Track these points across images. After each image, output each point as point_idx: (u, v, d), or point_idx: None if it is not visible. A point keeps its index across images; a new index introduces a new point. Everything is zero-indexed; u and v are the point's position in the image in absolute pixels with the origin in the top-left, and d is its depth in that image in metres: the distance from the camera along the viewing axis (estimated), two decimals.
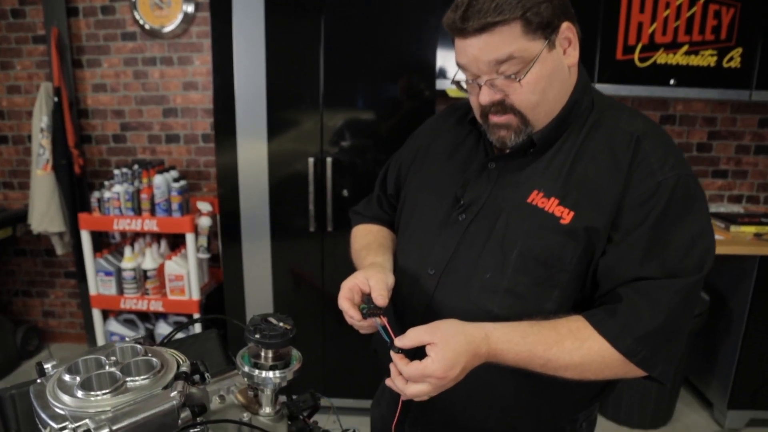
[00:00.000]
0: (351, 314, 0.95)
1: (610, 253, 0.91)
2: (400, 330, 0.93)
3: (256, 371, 0.90)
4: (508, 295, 0.95)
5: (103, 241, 3.23)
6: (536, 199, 0.95)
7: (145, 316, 3.07)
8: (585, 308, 0.93)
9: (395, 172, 1.26)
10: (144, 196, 2.76)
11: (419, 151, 1.20)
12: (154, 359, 0.75)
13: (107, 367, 0.73)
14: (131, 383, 0.70)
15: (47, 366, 0.75)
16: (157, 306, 2.83)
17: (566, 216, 0.92)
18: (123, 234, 3.16)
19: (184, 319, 2.96)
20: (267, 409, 0.95)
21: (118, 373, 0.71)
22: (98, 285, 2.86)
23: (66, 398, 0.66)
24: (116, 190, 2.76)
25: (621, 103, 1.03)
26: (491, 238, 0.98)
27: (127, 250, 2.85)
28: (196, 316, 2.81)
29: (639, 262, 0.88)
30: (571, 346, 0.87)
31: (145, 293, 2.86)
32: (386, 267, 1.07)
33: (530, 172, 0.99)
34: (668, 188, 0.89)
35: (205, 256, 2.89)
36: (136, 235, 3.03)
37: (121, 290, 2.88)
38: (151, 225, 2.76)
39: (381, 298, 0.94)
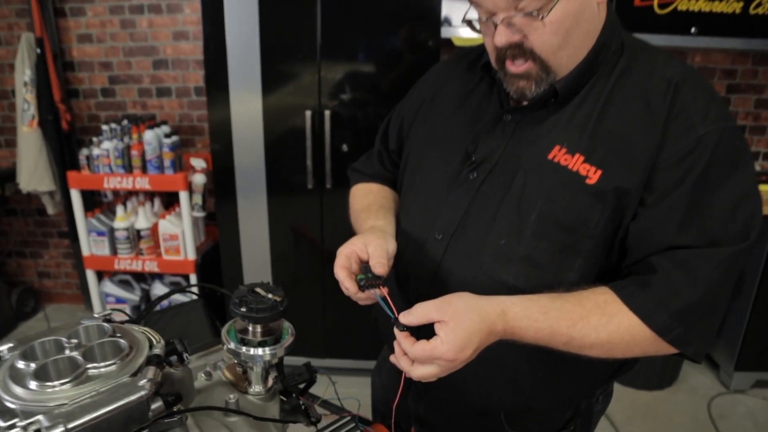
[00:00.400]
0: (347, 285, 0.85)
1: (643, 218, 0.80)
2: (403, 302, 0.83)
3: (243, 348, 0.81)
4: (525, 263, 0.85)
5: (95, 200, 3.12)
6: (558, 155, 0.84)
7: (141, 277, 3.00)
8: (610, 279, 0.83)
9: (397, 125, 1.14)
10: (134, 152, 2.65)
11: (424, 101, 1.07)
12: (122, 341, 0.65)
13: (67, 351, 0.63)
14: (93, 370, 0.60)
15: (2, 348, 0.65)
16: (152, 266, 2.75)
17: (593, 175, 0.81)
18: (115, 193, 3.05)
19: (180, 280, 2.89)
20: (257, 388, 0.87)
21: (79, 358, 0.62)
22: (91, 245, 2.78)
23: (18, 390, 0.57)
24: (105, 147, 2.64)
25: (654, 46, 0.91)
26: (507, 199, 0.87)
27: (119, 209, 2.75)
28: (193, 277, 2.73)
29: (676, 229, 0.77)
30: (597, 323, 0.77)
31: (140, 253, 2.78)
32: (387, 231, 0.97)
33: (551, 125, 0.87)
34: (710, 144, 0.77)
35: (200, 214, 2.79)
36: (129, 194, 2.92)
37: (114, 251, 2.79)
38: (142, 183, 2.65)
39: (380, 266, 0.84)
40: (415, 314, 0.77)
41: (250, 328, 0.82)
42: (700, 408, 2.63)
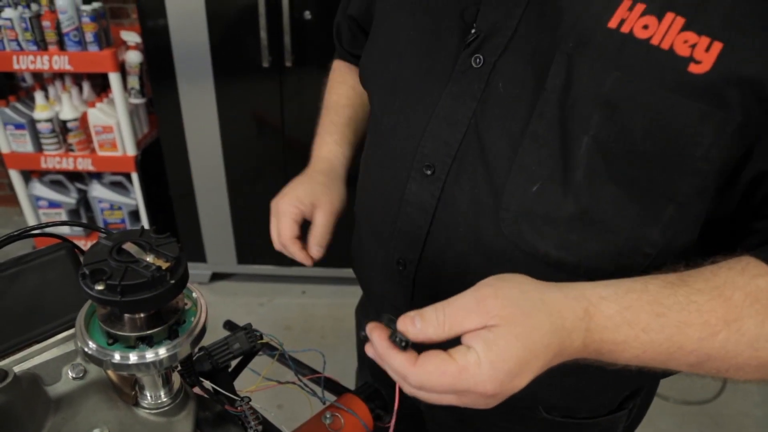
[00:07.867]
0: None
1: None
2: (372, 299, 0.49)
3: (113, 353, 0.47)
4: (576, 222, 0.50)
5: (14, 85, 2.61)
6: (630, 19, 0.45)
7: (78, 176, 2.59)
8: (717, 236, 0.49)
9: None
10: (47, 23, 2.13)
11: None
12: None
13: None
14: None
15: None
16: (85, 164, 2.34)
17: (702, 55, 0.43)
18: (36, 76, 2.54)
19: (121, 179, 2.49)
20: (154, 395, 0.54)
21: None
22: (10, 141, 2.33)
23: None
24: (8, 16, 2.11)
25: None
26: (539, 106, 0.50)
27: (39, 97, 2.28)
28: (135, 177, 2.33)
29: None
30: (757, 330, 0.43)
31: (70, 149, 2.35)
32: (337, 170, 0.69)
33: None
34: None
35: (138, 101, 2.34)
36: (54, 78, 2.42)
37: (39, 147, 2.35)
38: (61, 63, 2.16)
39: (318, 250, 0.63)
40: (434, 321, 0.42)
41: (126, 318, 0.47)
42: None
